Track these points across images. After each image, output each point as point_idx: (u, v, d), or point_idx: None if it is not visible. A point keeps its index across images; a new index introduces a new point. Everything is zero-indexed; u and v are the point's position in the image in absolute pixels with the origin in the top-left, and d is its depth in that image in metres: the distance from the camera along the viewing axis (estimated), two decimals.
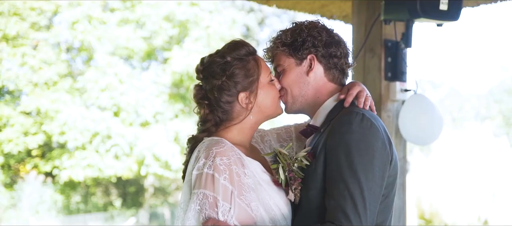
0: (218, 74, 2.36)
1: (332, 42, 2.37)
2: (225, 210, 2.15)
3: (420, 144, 3.72)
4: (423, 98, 3.68)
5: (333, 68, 2.38)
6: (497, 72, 27.61)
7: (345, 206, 2.06)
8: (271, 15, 21.47)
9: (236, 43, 2.42)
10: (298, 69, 2.38)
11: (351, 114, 2.18)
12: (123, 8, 16.77)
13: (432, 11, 3.39)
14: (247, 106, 2.37)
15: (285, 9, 4.95)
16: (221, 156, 2.20)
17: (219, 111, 2.38)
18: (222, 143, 2.26)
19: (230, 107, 2.37)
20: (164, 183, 20.02)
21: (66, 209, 18.04)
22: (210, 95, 2.38)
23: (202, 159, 2.22)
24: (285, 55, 2.40)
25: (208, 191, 2.17)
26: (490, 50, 34.67)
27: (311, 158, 2.26)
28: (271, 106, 2.41)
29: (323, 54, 2.35)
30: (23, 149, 16.07)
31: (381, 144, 2.16)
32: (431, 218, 11.62)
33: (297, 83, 2.39)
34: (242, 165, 2.24)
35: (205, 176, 2.18)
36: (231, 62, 2.36)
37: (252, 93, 2.36)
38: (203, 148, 2.26)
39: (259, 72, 2.39)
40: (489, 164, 11.63)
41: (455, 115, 21.57)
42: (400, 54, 3.75)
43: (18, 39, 15.84)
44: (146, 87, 16.38)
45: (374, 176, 2.11)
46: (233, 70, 2.35)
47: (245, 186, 2.21)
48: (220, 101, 2.36)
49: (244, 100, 2.36)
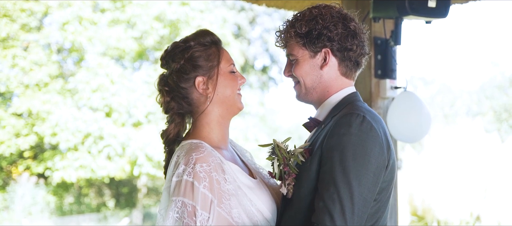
0: (178, 57, 2.36)
1: (348, 35, 2.30)
2: (204, 219, 2.11)
3: (407, 141, 3.71)
4: (412, 96, 3.67)
5: (348, 60, 2.33)
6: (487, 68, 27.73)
7: (332, 209, 2.04)
8: (262, 14, 21.49)
9: (202, 31, 2.43)
10: (311, 61, 2.33)
11: (352, 115, 2.15)
12: (113, 9, 16.72)
13: (420, 8, 3.40)
14: (205, 92, 2.34)
15: (274, 8, 4.95)
16: (201, 162, 2.16)
17: (179, 98, 2.36)
18: (202, 148, 2.22)
19: (188, 93, 2.35)
20: (157, 183, 19.99)
21: (59, 210, 17.99)
22: (170, 81, 2.37)
23: (181, 165, 2.18)
24: (298, 46, 2.34)
25: (187, 199, 2.12)
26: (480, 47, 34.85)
27: (308, 154, 2.24)
28: (230, 97, 2.38)
29: (338, 48, 2.30)
30: (15, 150, 16.01)
31: (378, 148, 2.12)
32: (423, 214, 11.66)
33: (310, 75, 2.34)
34: (222, 170, 2.21)
35: (185, 184, 2.13)
36: (192, 46, 2.36)
37: (210, 80, 2.34)
38: (183, 153, 2.23)
39: (220, 60, 2.37)
40: (480, 159, 11.67)
41: (446, 111, 21.63)
42: (390, 52, 3.75)
43: (8, 41, 15.77)
44: (138, 87, 16.34)
45: (367, 181, 2.08)
46: (192, 53, 2.34)
47: (225, 193, 2.18)
48: (179, 85, 2.34)
49: (201, 85, 2.34)
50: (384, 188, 2.20)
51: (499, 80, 21.48)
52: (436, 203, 11.38)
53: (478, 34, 35.95)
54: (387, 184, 2.21)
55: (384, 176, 2.17)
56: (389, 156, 2.18)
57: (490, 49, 34.01)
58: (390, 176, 2.22)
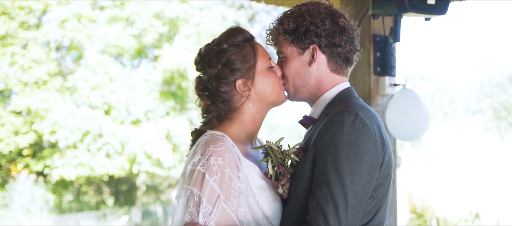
0: (214, 62, 2.32)
1: (336, 31, 2.27)
2: (207, 212, 2.13)
3: (406, 139, 3.70)
4: (411, 93, 3.66)
5: (337, 57, 2.30)
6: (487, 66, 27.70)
7: (326, 209, 2.04)
8: (261, 11, 21.47)
9: (232, 30, 2.39)
10: (300, 58, 2.31)
11: (344, 113, 2.12)
12: (112, 6, 16.71)
13: (420, 5, 3.39)
14: (245, 94, 2.32)
15: (274, 5, 4.94)
16: (217, 156, 2.17)
17: (220, 102, 2.34)
18: (222, 141, 2.22)
19: (229, 96, 2.33)
20: (156, 181, 20.01)
21: (58, 208, 17.99)
22: (209, 86, 2.35)
23: (198, 155, 2.20)
24: (287, 43, 2.33)
25: (196, 189, 2.15)
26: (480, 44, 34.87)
27: (302, 153, 2.23)
28: (271, 93, 2.36)
29: (326, 45, 2.27)
30: (14, 148, 16.02)
31: (372, 146, 2.10)
32: (422, 212, 11.65)
33: (299, 73, 2.32)
34: (237, 168, 2.21)
35: (197, 174, 2.16)
36: (227, 49, 2.33)
37: (249, 80, 2.32)
38: (202, 143, 2.24)
39: (256, 59, 2.35)
40: (480, 157, 11.66)
41: (446, 109, 21.61)
42: (389, 49, 3.75)
43: (7, 39, 15.77)
44: (137, 85, 16.34)
45: (360, 179, 2.07)
46: (228, 57, 2.31)
47: (235, 191, 2.18)
48: (219, 90, 2.32)
49: (242, 87, 2.32)
50: (380, 184, 2.19)
51: (498, 78, 21.45)
52: (435, 200, 11.37)
53: (477, 31, 36.00)
54: (383, 180, 2.19)
55: (379, 172, 2.16)
56: (384, 153, 2.16)
57: (489, 47, 34.05)
58: (386, 172, 2.20)
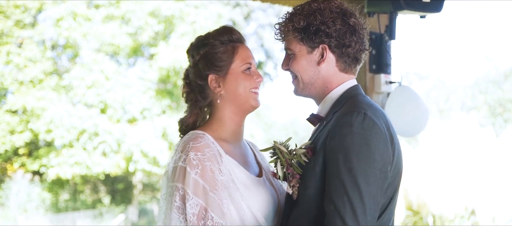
0: (196, 52, 2.42)
1: (347, 31, 2.25)
2: (193, 203, 2.17)
3: (405, 135, 3.71)
4: (408, 90, 3.67)
5: (346, 56, 2.29)
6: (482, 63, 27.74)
7: (343, 212, 2.02)
8: (257, 9, 21.44)
9: (223, 28, 2.46)
10: (309, 57, 2.29)
11: (352, 114, 2.11)
12: (108, 5, 16.68)
13: (415, 3, 3.41)
14: (216, 90, 2.38)
15: (269, 3, 4.94)
16: (196, 150, 2.23)
17: (196, 92, 2.42)
18: (201, 138, 2.28)
19: (203, 89, 2.40)
20: (153, 179, 19.98)
21: (54, 207, 17.97)
22: (190, 74, 2.44)
23: (178, 153, 2.26)
24: (296, 41, 2.30)
25: (179, 184, 2.20)
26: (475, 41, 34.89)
27: (311, 153, 2.21)
28: (240, 95, 2.40)
29: (336, 45, 2.26)
30: (10, 147, 15.99)
31: (382, 144, 2.09)
32: (418, 209, 11.66)
33: (307, 71, 2.30)
34: (217, 162, 2.26)
35: (179, 170, 2.22)
36: (208, 43, 2.40)
37: (220, 78, 2.38)
38: (182, 142, 2.30)
39: (233, 59, 2.39)
40: (475, 154, 11.68)
41: (441, 106, 21.65)
42: (384, 47, 3.76)
43: (2, 37, 15.73)
44: (133, 83, 16.32)
45: (375, 179, 2.05)
46: (207, 51, 2.39)
47: (218, 182, 2.22)
48: (195, 80, 2.41)
49: (214, 83, 2.38)
50: (391, 183, 2.18)
51: (493, 75, 21.50)
52: (431, 197, 11.39)
53: (473, 29, 36.04)
54: (393, 178, 2.18)
55: (391, 171, 2.15)
56: (393, 150, 2.15)
57: (484, 44, 34.09)
58: (397, 169, 2.19)
